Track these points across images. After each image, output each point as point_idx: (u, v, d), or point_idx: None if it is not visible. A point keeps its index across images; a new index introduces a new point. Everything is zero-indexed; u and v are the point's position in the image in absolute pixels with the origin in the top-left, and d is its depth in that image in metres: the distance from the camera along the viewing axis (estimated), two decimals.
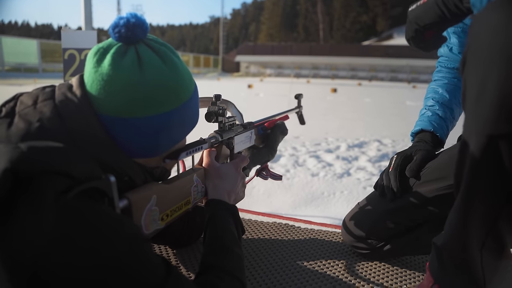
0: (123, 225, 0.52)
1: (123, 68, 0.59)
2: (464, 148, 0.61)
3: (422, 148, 0.98)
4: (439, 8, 0.73)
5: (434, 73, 1.15)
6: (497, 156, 0.55)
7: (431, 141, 1.02)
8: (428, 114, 1.06)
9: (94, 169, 0.54)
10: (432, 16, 0.76)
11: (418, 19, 0.78)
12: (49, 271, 0.43)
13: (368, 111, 6.62)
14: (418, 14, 0.78)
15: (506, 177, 0.56)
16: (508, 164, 0.54)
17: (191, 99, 0.68)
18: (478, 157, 0.57)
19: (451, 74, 1.10)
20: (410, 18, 0.81)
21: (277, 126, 1.08)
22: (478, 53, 0.55)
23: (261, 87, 13.26)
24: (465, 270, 0.68)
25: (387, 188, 0.97)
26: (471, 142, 0.58)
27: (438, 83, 1.10)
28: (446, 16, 0.73)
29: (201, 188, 0.83)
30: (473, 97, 0.56)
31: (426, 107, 1.09)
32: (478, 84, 0.54)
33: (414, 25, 0.80)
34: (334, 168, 2.37)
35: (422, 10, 0.78)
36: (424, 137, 1.04)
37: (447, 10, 0.72)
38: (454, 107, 1.06)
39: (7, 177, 0.43)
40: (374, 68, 30.60)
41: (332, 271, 0.99)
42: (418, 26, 0.79)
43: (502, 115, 0.52)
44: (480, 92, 0.54)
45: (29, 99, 0.60)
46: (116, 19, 0.61)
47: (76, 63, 1.69)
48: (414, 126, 1.09)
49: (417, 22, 0.79)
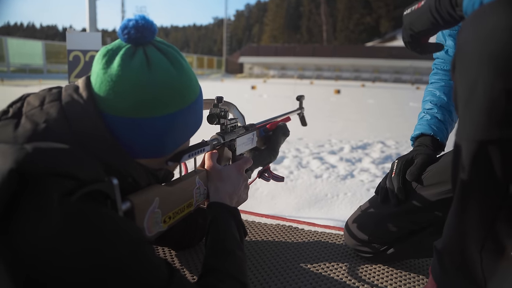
0: (126, 227, 0.52)
1: (132, 69, 0.60)
2: (456, 153, 0.61)
3: (423, 152, 0.98)
4: (432, 15, 0.73)
5: (430, 75, 1.15)
6: (488, 161, 0.54)
7: (432, 145, 1.01)
8: (427, 117, 1.06)
9: (99, 171, 0.54)
10: (425, 22, 0.76)
11: (412, 25, 0.79)
12: (50, 271, 0.44)
13: (371, 112, 6.60)
14: (412, 20, 0.78)
15: (498, 181, 0.55)
16: (498, 169, 0.54)
17: (196, 101, 0.69)
18: (470, 162, 0.57)
19: (447, 76, 1.09)
20: (405, 23, 0.81)
21: (279, 127, 1.08)
22: (467, 57, 0.54)
23: (265, 88, 13.27)
24: (465, 273, 0.67)
25: (391, 193, 0.96)
26: (462, 148, 0.58)
27: (436, 85, 1.10)
28: (439, 23, 0.73)
29: (203, 190, 0.83)
30: (463, 102, 0.56)
31: (425, 111, 1.08)
32: (468, 88, 0.54)
33: (408, 31, 0.80)
34: (337, 170, 2.37)
35: (416, 16, 0.77)
36: (424, 141, 1.03)
37: (440, 17, 0.72)
38: (452, 109, 1.06)
39: (12, 178, 0.43)
40: (378, 69, 30.57)
41: (335, 273, 0.99)
42: (412, 32, 0.79)
43: (491, 121, 0.52)
44: (469, 97, 0.54)
45: (36, 100, 0.60)
46: (125, 21, 0.62)
47: (81, 64, 1.69)
48: (413, 130, 1.09)
49: (411, 28, 0.79)
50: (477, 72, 0.52)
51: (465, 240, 0.64)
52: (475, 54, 0.53)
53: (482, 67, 0.51)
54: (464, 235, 0.64)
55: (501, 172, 0.54)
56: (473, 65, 0.53)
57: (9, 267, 0.42)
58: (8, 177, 0.43)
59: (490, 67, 0.50)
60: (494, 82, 0.50)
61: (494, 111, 0.51)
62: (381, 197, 1.00)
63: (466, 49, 0.54)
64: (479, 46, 0.52)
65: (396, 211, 0.96)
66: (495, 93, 0.50)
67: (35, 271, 0.43)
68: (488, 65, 0.50)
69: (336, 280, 0.96)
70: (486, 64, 0.51)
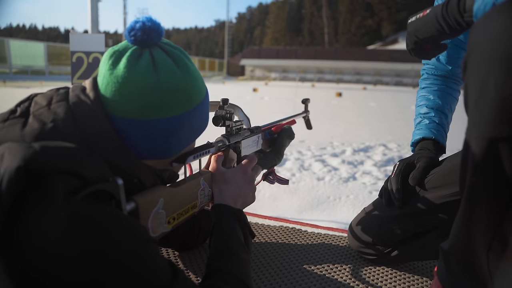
0: (130, 226, 0.52)
1: (138, 71, 0.60)
2: (466, 152, 0.61)
3: (426, 155, 0.98)
4: (438, 23, 0.73)
5: (420, 80, 1.15)
6: (497, 159, 0.54)
7: (434, 149, 1.01)
8: (425, 122, 1.07)
9: (105, 171, 0.54)
10: (431, 30, 0.76)
11: (417, 32, 0.79)
12: (53, 269, 0.44)
13: (373, 115, 6.60)
14: (417, 27, 0.79)
15: (508, 180, 0.55)
16: (508, 167, 0.54)
17: (202, 103, 0.69)
18: (479, 161, 0.57)
19: (439, 81, 1.10)
20: (410, 30, 0.82)
21: (284, 130, 1.08)
22: (479, 56, 0.55)
23: (266, 91, 13.29)
24: (472, 274, 0.67)
25: (391, 195, 0.97)
26: (472, 146, 0.58)
27: (428, 90, 1.11)
28: (445, 30, 0.74)
29: (207, 191, 0.83)
30: (473, 101, 0.56)
31: (421, 116, 1.09)
32: (479, 87, 0.55)
33: (413, 37, 0.80)
34: (339, 173, 2.36)
35: (421, 23, 0.78)
36: (426, 145, 1.03)
37: (446, 25, 0.72)
38: (447, 112, 1.07)
39: (20, 175, 0.43)
40: (379, 72, 30.58)
41: (339, 275, 0.99)
42: (417, 39, 0.79)
43: (502, 118, 0.52)
44: (480, 95, 0.54)
45: (44, 100, 0.60)
46: (132, 22, 0.62)
47: (84, 66, 1.70)
48: (412, 136, 1.08)
49: (416, 34, 0.79)
50: (488, 71, 0.52)
51: (472, 240, 0.64)
52: (486, 54, 0.53)
53: (494, 66, 0.51)
54: (472, 235, 0.64)
55: (510, 169, 0.54)
56: (485, 65, 0.53)
57: (12, 264, 0.42)
58: (16, 174, 0.43)
59: (501, 66, 0.50)
60: (506, 80, 0.50)
61: (505, 109, 0.51)
62: (386, 200, 0.99)
63: (478, 49, 0.55)
64: (491, 45, 0.52)
65: (400, 214, 0.96)
66: (506, 91, 0.50)
67: (37, 269, 0.43)
68: (499, 64, 0.51)
69: (340, 282, 0.95)
70: (498, 63, 0.51)
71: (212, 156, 0.87)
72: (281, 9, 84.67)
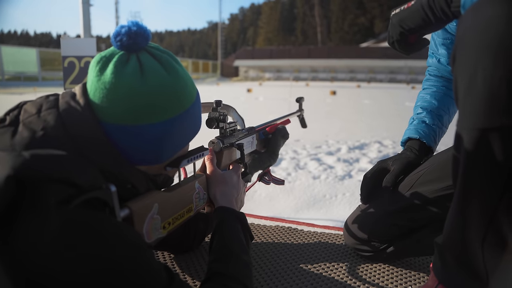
0: (125, 233, 0.52)
1: (125, 76, 0.59)
2: (458, 144, 0.61)
3: (403, 157, 1.01)
4: (424, 12, 0.74)
5: (423, 81, 1.17)
6: (489, 149, 0.55)
7: (418, 149, 1.03)
8: (415, 122, 1.08)
9: (97, 178, 0.54)
10: (417, 19, 0.76)
11: (402, 22, 0.79)
12: (49, 276, 0.44)
13: (367, 112, 6.62)
14: (403, 17, 0.79)
15: (499, 170, 0.56)
16: (500, 157, 0.54)
17: (193, 106, 0.68)
18: (471, 152, 0.58)
19: (439, 82, 1.11)
20: (394, 21, 0.82)
21: (278, 130, 1.08)
22: (466, 47, 0.55)
23: (261, 91, 13.28)
24: (467, 266, 0.67)
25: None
26: (463, 137, 0.59)
27: (427, 91, 1.12)
28: (431, 20, 0.74)
29: (203, 195, 0.83)
30: (463, 92, 0.56)
31: (414, 116, 1.11)
32: (467, 78, 0.55)
33: (398, 28, 0.81)
34: (335, 171, 2.37)
35: (406, 13, 0.78)
36: (412, 144, 1.05)
37: (432, 14, 0.72)
38: (443, 113, 1.08)
39: (10, 184, 0.43)
40: (373, 69, 30.64)
41: (336, 273, 0.99)
42: (402, 29, 0.80)
43: (491, 108, 0.52)
44: (469, 86, 0.54)
45: (33, 108, 0.60)
46: (117, 27, 0.62)
47: (76, 70, 1.69)
48: (403, 135, 1.10)
49: (401, 25, 0.80)
50: (476, 61, 0.53)
51: (466, 233, 0.64)
52: (474, 44, 0.53)
53: (482, 56, 0.52)
54: (465, 228, 0.64)
55: (502, 159, 0.54)
56: (473, 54, 0.53)
57: (10, 270, 0.42)
58: (5, 183, 0.43)
59: (490, 55, 0.51)
60: (494, 70, 0.50)
61: (495, 98, 0.51)
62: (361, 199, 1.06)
63: (466, 39, 0.55)
64: (478, 35, 0.52)
65: (394, 209, 0.97)
66: (495, 81, 0.50)
67: (34, 276, 0.43)
68: (487, 53, 0.51)
69: (337, 280, 0.96)
70: (485, 52, 0.51)
71: (206, 158, 0.87)
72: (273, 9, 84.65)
